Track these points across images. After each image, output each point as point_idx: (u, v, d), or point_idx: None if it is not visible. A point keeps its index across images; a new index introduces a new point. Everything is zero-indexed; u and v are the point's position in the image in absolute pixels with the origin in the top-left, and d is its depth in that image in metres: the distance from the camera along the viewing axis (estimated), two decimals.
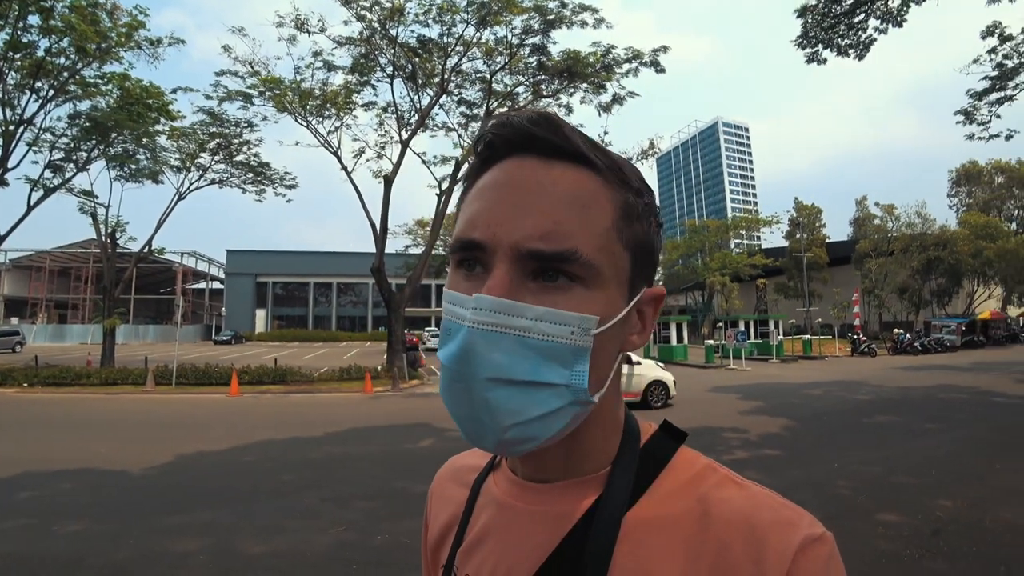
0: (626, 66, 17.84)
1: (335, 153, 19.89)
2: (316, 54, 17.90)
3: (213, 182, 22.64)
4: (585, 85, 18.60)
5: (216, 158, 21.50)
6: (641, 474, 0.48)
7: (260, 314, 58.28)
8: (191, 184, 22.00)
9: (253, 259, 58.53)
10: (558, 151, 0.43)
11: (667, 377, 11.37)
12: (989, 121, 16.78)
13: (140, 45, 16.35)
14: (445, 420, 9.61)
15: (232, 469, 6.35)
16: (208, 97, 18.72)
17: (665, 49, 17.57)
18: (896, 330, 30.26)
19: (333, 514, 4.72)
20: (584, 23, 16.99)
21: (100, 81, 16.60)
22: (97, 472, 6.10)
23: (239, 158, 21.75)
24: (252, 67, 17.68)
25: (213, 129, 19.91)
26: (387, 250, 19.31)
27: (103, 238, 19.36)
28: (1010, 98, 16.30)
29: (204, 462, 6.66)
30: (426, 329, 45.54)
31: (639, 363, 11.40)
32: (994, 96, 16.37)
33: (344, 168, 19.80)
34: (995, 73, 16.02)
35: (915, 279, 37.31)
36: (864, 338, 28.14)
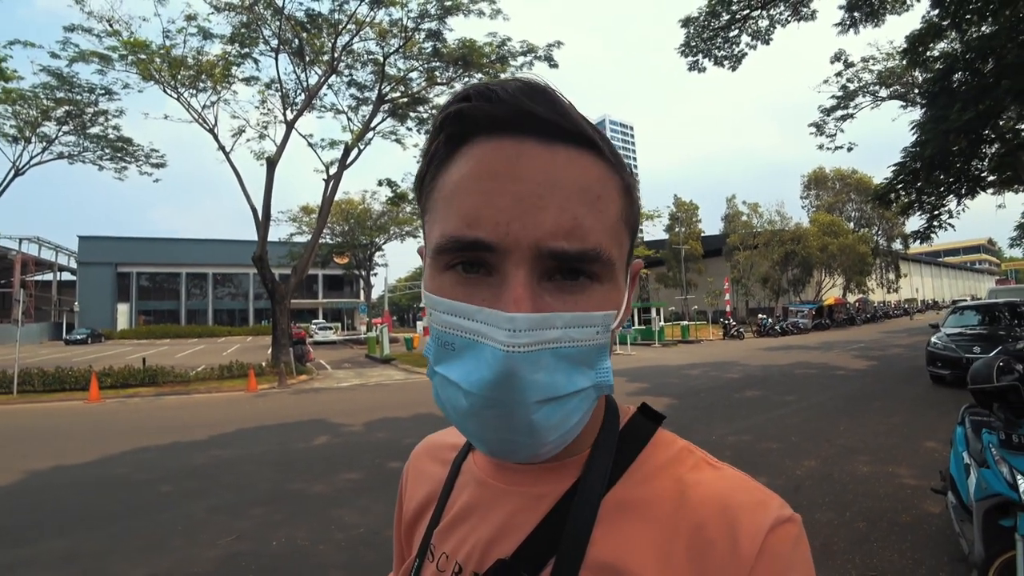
0: (521, 59, 18.12)
1: (211, 131, 18.19)
2: (190, 18, 16.15)
3: (61, 156, 19.75)
4: (480, 75, 18.58)
5: (64, 128, 18.73)
6: (620, 456, 0.48)
7: (122, 309, 51.81)
8: (32, 157, 19.04)
9: (112, 246, 51.78)
10: (559, 132, 0.38)
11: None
12: (835, 134, 19.67)
13: None
14: (339, 415, 9.22)
15: (98, 485, 5.59)
16: (55, 56, 16.21)
17: (559, 44, 18.02)
18: (760, 315, 33.93)
19: (222, 524, 4.34)
20: (481, 12, 16.96)
21: None
22: None
23: (94, 130, 19.12)
24: (111, 25, 15.56)
25: (60, 94, 17.26)
26: (270, 238, 18.09)
27: None
28: (851, 115, 19.31)
29: (62, 479, 5.81)
30: (313, 322, 43.38)
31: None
32: (839, 113, 19.28)
33: (222, 148, 18.20)
34: (840, 93, 18.92)
35: (775, 270, 42.04)
36: (734, 323, 31.19)
